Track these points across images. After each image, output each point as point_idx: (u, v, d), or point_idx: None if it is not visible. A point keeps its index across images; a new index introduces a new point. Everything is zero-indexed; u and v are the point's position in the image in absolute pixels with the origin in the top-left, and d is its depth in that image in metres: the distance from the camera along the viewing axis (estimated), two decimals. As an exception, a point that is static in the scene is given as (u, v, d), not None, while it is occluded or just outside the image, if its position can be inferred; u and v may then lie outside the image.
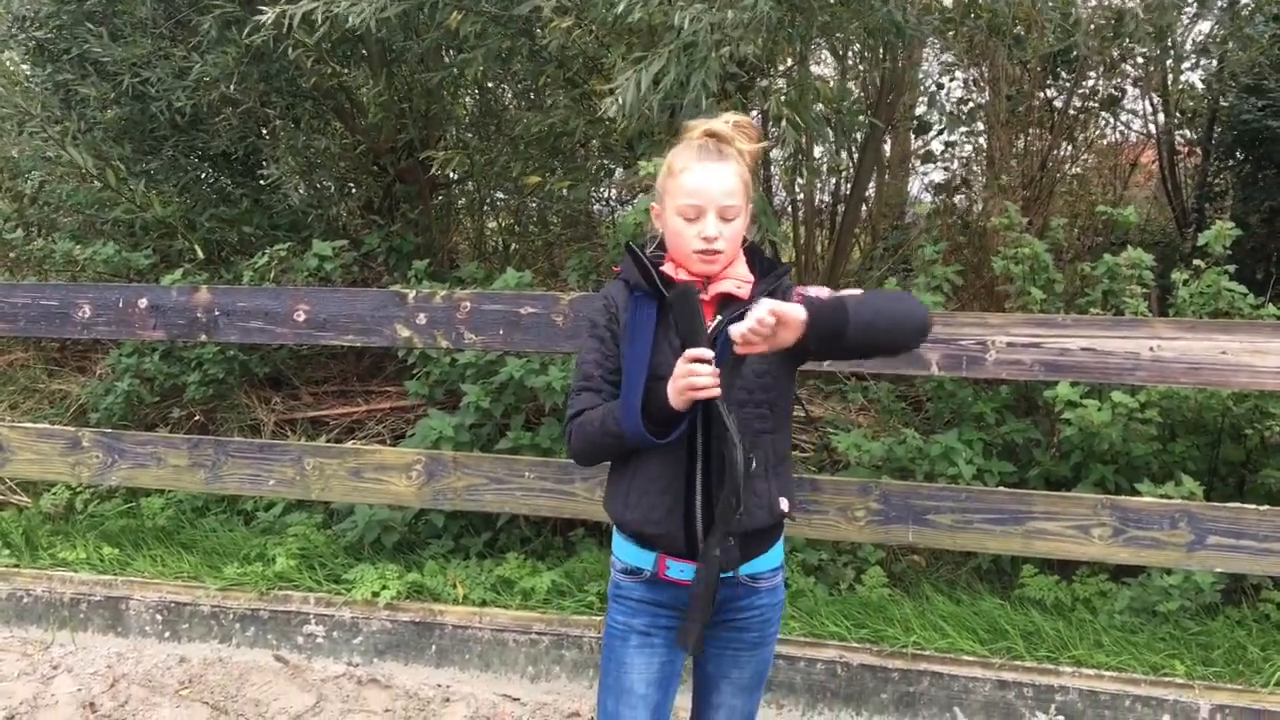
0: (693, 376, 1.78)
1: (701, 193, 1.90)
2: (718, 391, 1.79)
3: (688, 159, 1.94)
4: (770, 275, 2.00)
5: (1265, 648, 3.22)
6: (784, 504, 1.99)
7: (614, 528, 2.08)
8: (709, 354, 1.79)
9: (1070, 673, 3.11)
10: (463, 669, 3.47)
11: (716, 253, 1.92)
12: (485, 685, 3.43)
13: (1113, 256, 3.94)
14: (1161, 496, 3.31)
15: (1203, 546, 3.00)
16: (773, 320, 1.66)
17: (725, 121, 1.98)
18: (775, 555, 2.05)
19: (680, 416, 1.85)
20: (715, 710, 2.12)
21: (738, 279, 1.98)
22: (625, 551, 2.06)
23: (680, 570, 1.97)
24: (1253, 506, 3.01)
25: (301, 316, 3.51)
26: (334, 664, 3.54)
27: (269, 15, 3.79)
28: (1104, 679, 3.08)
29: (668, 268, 1.97)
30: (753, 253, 2.05)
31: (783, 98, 3.81)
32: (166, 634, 3.68)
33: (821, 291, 1.89)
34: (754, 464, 1.88)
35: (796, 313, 1.69)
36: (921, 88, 6.37)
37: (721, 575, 1.92)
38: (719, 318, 1.95)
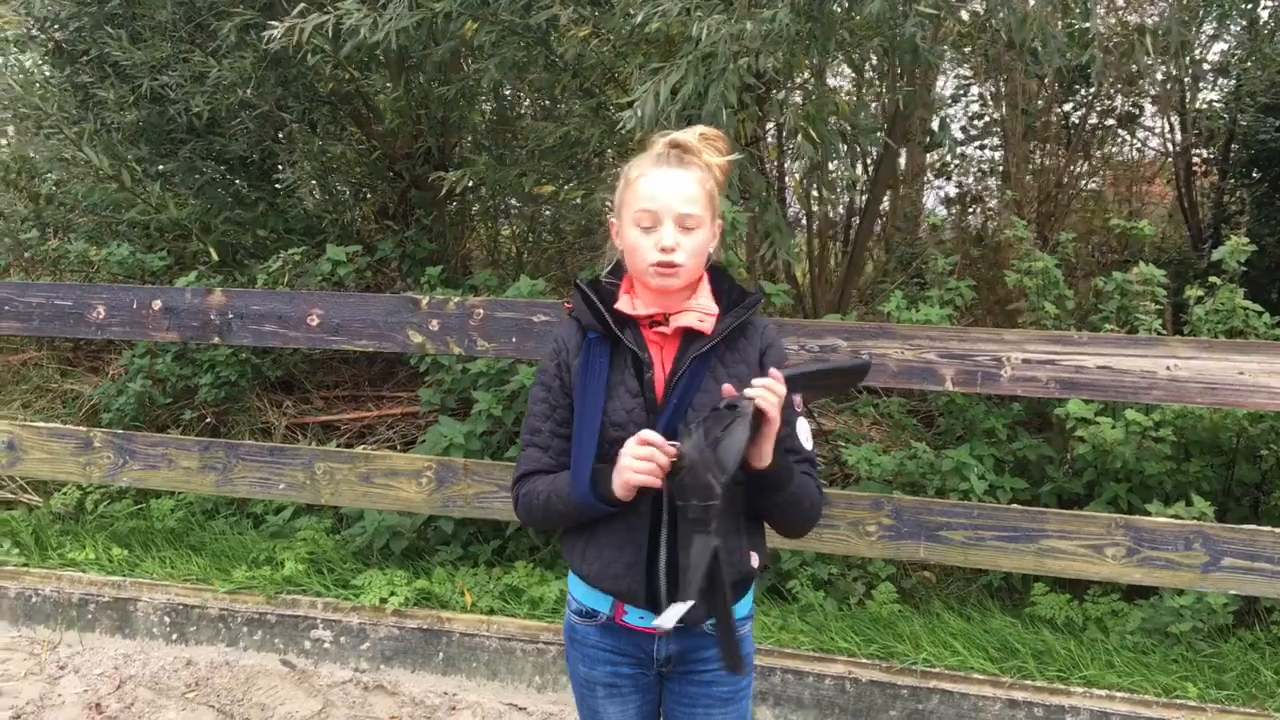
0: (634, 464, 1.61)
1: (657, 198, 1.73)
2: (658, 483, 1.60)
3: (645, 165, 1.78)
4: (739, 307, 1.81)
5: (1278, 671, 3.19)
6: (755, 560, 1.81)
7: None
8: (657, 438, 1.61)
9: (1081, 693, 3.08)
10: (469, 677, 3.46)
11: (675, 265, 1.72)
12: (492, 694, 3.42)
13: (1122, 273, 3.93)
14: (1174, 517, 3.29)
15: (1217, 568, 2.97)
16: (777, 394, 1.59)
17: (693, 134, 1.82)
18: (745, 605, 1.88)
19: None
20: None
21: (701, 311, 1.78)
22: (581, 591, 1.88)
23: (640, 617, 1.80)
24: (1268, 528, 2.99)
25: (315, 320, 3.51)
26: (340, 670, 3.54)
27: (279, 29, 3.81)
28: (1115, 700, 3.05)
29: (623, 302, 1.79)
30: (719, 279, 1.85)
31: (800, 111, 3.80)
32: (174, 636, 3.68)
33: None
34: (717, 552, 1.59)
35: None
36: (937, 104, 6.37)
37: (688, 628, 1.73)
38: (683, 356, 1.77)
